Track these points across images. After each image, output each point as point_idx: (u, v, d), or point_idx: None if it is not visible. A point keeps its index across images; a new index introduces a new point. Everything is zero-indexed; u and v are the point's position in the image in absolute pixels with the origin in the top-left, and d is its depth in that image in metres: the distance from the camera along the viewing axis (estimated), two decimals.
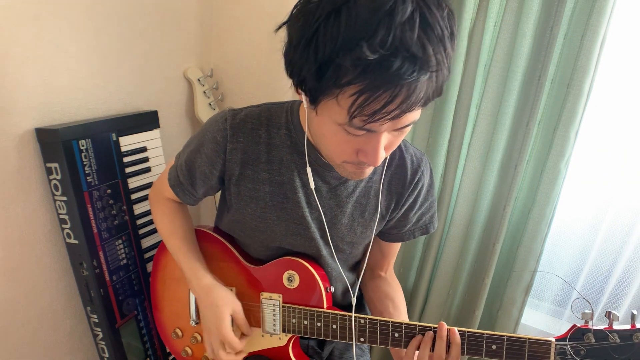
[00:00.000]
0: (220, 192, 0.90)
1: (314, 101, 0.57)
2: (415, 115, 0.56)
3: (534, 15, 0.93)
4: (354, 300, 0.80)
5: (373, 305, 0.90)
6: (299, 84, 0.58)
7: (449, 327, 0.71)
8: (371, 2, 0.48)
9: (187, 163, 0.81)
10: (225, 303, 0.80)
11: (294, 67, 0.56)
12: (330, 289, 0.82)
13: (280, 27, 0.59)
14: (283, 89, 1.29)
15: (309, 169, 0.73)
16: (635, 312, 0.65)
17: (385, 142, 0.60)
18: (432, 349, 0.71)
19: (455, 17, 0.55)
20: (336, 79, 0.51)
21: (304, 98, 0.61)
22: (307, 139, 0.74)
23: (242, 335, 0.83)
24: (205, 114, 1.28)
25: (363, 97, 0.51)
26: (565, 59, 0.95)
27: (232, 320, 0.81)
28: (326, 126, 0.60)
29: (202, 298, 0.82)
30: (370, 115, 0.52)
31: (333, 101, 0.54)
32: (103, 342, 1.06)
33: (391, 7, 0.48)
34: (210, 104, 1.29)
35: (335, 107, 0.55)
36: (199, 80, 1.27)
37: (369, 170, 0.69)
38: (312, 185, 0.74)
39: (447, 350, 0.71)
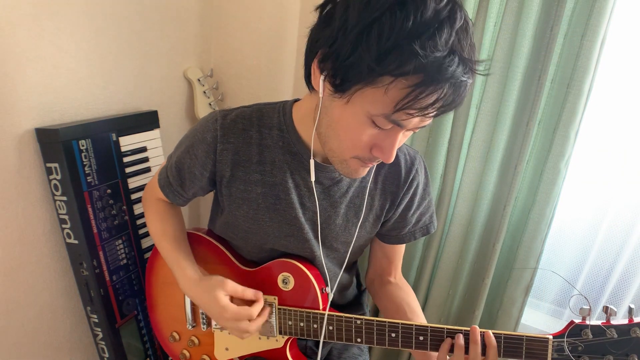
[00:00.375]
0: (213, 194, 0.89)
1: (347, 89, 0.57)
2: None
3: (534, 15, 0.93)
4: (330, 298, 0.80)
5: (390, 314, 0.87)
6: (336, 69, 0.56)
7: (482, 330, 0.70)
8: (434, 3, 0.51)
9: (177, 164, 0.81)
10: (213, 286, 0.75)
11: (339, 50, 0.55)
12: (325, 290, 0.81)
13: (323, 7, 0.59)
14: (283, 89, 1.29)
15: (312, 161, 0.72)
16: (632, 306, 0.65)
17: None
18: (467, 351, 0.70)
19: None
20: (397, 66, 0.51)
21: (324, 87, 0.60)
22: (300, 136, 0.74)
23: (253, 303, 0.77)
24: (205, 114, 1.28)
25: (420, 90, 0.52)
26: (565, 59, 0.95)
27: (232, 299, 0.77)
28: (353, 117, 0.59)
29: (193, 295, 0.79)
30: (419, 109, 0.54)
31: (378, 90, 0.54)
32: (103, 342, 1.06)
33: (451, 12, 0.52)
34: (210, 104, 1.29)
35: (378, 96, 0.55)
36: (199, 80, 1.27)
37: (367, 170, 0.69)
38: (313, 178, 0.72)
39: (483, 353, 0.69)
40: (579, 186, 1.09)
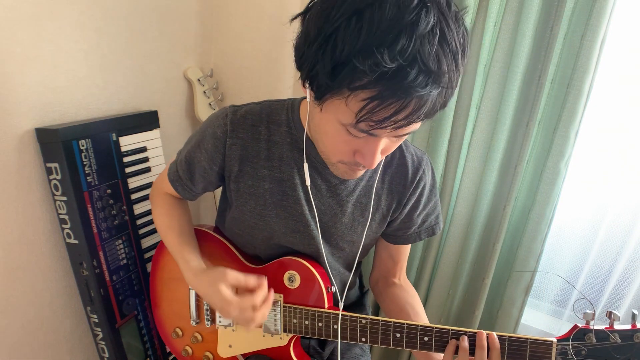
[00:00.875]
0: (221, 191, 0.90)
1: (319, 98, 0.57)
2: (417, 125, 0.57)
3: (534, 15, 0.93)
4: (341, 305, 0.80)
5: (394, 315, 0.87)
6: (308, 79, 0.57)
7: (487, 332, 0.70)
8: (396, 8, 0.48)
9: (187, 158, 0.82)
10: (215, 279, 0.74)
11: (306, 61, 0.55)
12: (331, 289, 0.82)
13: (295, 17, 0.59)
14: (283, 89, 1.29)
15: (306, 165, 0.73)
16: (636, 312, 0.65)
17: (383, 146, 0.61)
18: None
19: (469, 35, 0.55)
20: (350, 81, 0.51)
21: (308, 93, 0.61)
22: (307, 135, 0.74)
23: (254, 291, 0.75)
24: (205, 114, 1.28)
25: (374, 104, 0.51)
26: (565, 59, 0.95)
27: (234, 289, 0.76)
28: (329, 124, 0.60)
29: (197, 287, 0.79)
30: (377, 122, 0.53)
31: (341, 101, 0.54)
32: (103, 342, 1.06)
33: (415, 17, 0.48)
34: (210, 104, 1.29)
35: (342, 107, 0.55)
36: (199, 80, 1.27)
37: (361, 172, 0.69)
38: (308, 182, 0.74)
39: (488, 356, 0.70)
40: (579, 186, 1.09)
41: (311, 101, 0.61)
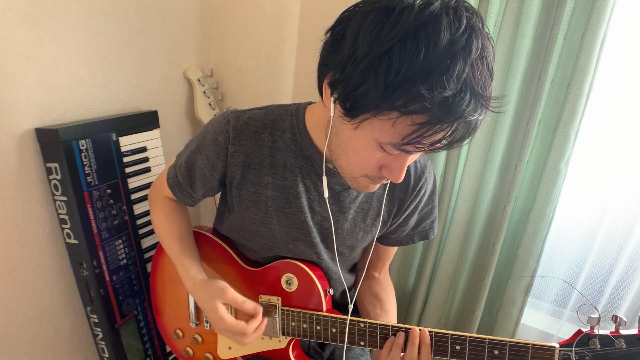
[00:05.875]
0: (220, 193, 0.89)
1: (355, 116, 0.55)
2: None
3: (534, 15, 0.93)
4: (350, 307, 0.80)
5: (362, 304, 0.90)
6: (346, 96, 0.55)
7: (420, 327, 0.72)
8: (449, 32, 0.48)
9: (187, 164, 0.80)
10: (211, 296, 0.75)
11: (348, 79, 0.53)
12: (329, 292, 0.81)
13: (334, 28, 0.57)
14: (283, 89, 1.29)
15: (325, 178, 0.72)
16: None
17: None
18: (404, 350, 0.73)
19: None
20: (404, 103, 0.50)
21: (334, 108, 0.59)
22: (313, 140, 0.73)
23: (250, 318, 0.76)
24: (205, 114, 1.28)
25: (426, 129, 0.51)
26: (565, 59, 0.95)
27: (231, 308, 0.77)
28: (363, 141, 0.59)
29: (196, 297, 0.80)
30: (427, 145, 0.53)
31: (386, 122, 0.53)
32: (103, 342, 1.06)
33: (465, 42, 0.48)
34: (210, 104, 1.29)
35: (386, 128, 0.54)
36: (199, 80, 1.27)
37: (377, 185, 0.69)
38: (326, 195, 0.73)
39: (419, 352, 0.71)
40: (579, 186, 1.09)
41: (338, 116, 0.60)
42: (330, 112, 0.61)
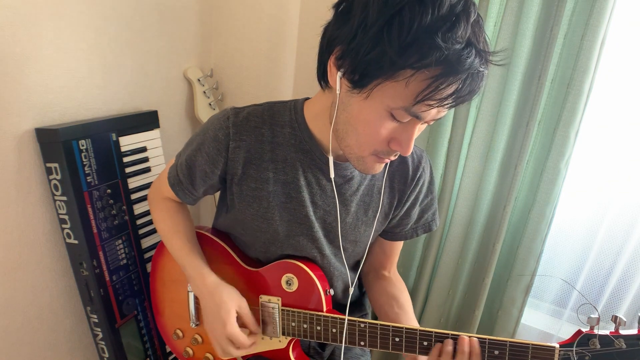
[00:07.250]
0: (220, 191, 0.89)
1: (367, 84, 0.58)
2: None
3: (534, 15, 0.93)
4: (347, 307, 0.80)
5: (379, 307, 0.88)
6: (354, 66, 0.58)
7: (470, 335, 0.70)
8: None
9: (188, 162, 0.81)
10: (231, 299, 0.78)
11: (359, 46, 0.56)
12: (329, 292, 0.81)
13: (337, 6, 0.60)
14: (283, 89, 1.29)
15: (331, 158, 0.72)
16: None
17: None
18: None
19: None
20: (418, 58, 0.53)
21: (341, 84, 0.62)
22: (313, 133, 0.74)
23: (250, 333, 0.81)
24: (205, 114, 1.28)
25: (440, 81, 0.54)
26: (565, 59, 0.95)
27: (238, 317, 0.79)
28: (374, 111, 0.60)
29: (206, 297, 0.80)
30: (439, 100, 0.56)
31: (399, 84, 0.56)
32: (103, 342, 1.06)
33: (465, 6, 0.54)
34: (210, 104, 1.29)
35: (399, 89, 0.56)
36: (199, 80, 1.27)
37: (382, 166, 0.70)
38: (332, 175, 0.73)
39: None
40: (579, 186, 1.09)
41: (345, 92, 0.62)
42: (336, 90, 0.63)
